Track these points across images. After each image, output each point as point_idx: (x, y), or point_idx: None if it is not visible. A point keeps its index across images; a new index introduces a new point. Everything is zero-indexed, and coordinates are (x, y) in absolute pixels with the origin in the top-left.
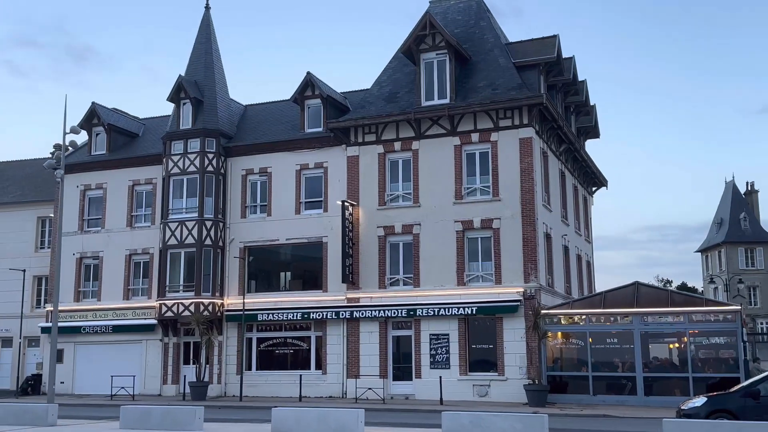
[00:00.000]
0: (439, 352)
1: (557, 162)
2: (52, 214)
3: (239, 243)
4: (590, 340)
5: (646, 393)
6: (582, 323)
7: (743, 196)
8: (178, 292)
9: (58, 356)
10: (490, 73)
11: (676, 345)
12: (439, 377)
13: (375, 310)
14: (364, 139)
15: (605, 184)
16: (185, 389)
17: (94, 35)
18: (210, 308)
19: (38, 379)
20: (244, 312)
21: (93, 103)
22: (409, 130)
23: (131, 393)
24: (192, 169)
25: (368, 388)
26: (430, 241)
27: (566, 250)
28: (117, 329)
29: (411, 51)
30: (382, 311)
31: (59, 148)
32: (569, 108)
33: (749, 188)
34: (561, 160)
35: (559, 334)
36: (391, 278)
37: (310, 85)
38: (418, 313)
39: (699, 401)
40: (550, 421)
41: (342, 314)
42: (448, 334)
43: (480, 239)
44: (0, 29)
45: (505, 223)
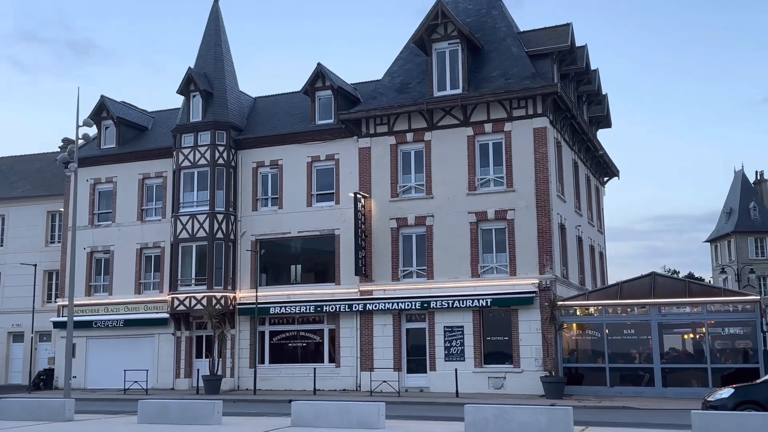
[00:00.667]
0: (453, 344)
1: (570, 152)
2: (62, 209)
3: (251, 236)
4: (607, 331)
5: (664, 384)
6: (598, 314)
7: (753, 186)
8: (190, 285)
9: None
10: (502, 62)
11: (692, 335)
12: (455, 370)
13: (388, 303)
14: (375, 131)
15: (617, 174)
16: (198, 383)
17: (95, 30)
18: (222, 302)
19: (50, 373)
20: (257, 305)
21: (102, 97)
22: (421, 120)
23: (144, 387)
24: (202, 162)
25: (382, 381)
26: (444, 232)
27: (580, 241)
28: (129, 323)
29: (423, 41)
30: (395, 304)
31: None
32: (581, 97)
33: (759, 177)
34: (574, 150)
35: (575, 325)
36: (405, 270)
37: (320, 76)
38: (432, 305)
39: (726, 392)
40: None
41: (355, 307)
42: (462, 327)
43: (494, 230)
44: (2, 25)
45: (519, 214)
